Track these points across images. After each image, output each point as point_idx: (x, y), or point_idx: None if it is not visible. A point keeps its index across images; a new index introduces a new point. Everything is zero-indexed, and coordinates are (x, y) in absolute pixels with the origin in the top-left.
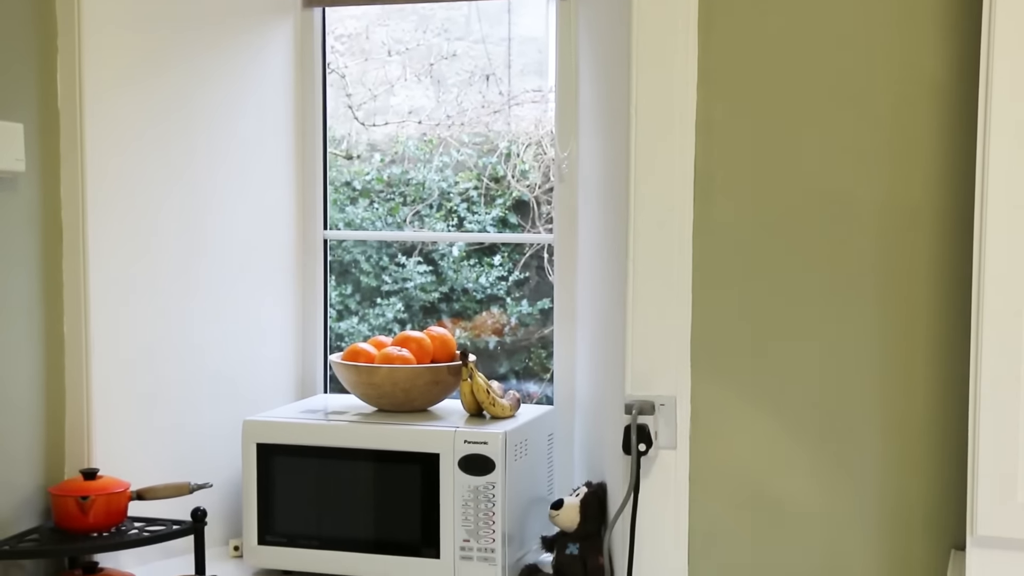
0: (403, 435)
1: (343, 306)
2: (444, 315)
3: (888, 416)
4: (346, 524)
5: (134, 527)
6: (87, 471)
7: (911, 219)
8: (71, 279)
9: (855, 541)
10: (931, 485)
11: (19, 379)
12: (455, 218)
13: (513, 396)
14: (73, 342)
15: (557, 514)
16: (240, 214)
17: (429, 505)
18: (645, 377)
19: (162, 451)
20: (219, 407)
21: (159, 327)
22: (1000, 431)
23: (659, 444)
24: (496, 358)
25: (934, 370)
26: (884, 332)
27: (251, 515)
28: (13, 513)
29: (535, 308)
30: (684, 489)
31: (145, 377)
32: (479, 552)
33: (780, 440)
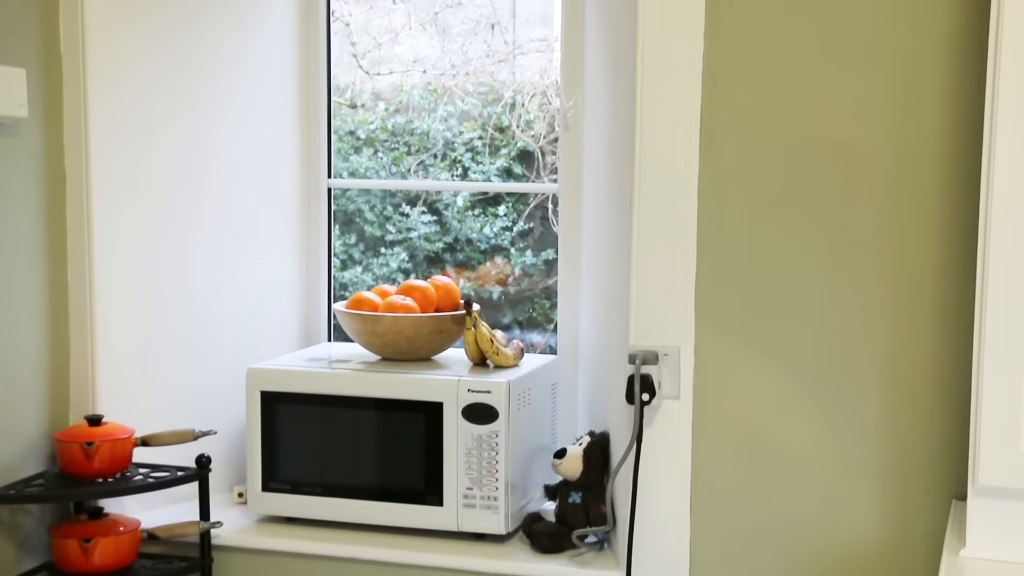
0: (407, 384)
1: (347, 256)
2: (448, 265)
3: (891, 366)
4: (350, 472)
5: (139, 473)
6: (92, 417)
7: (917, 170)
8: (75, 225)
9: (856, 491)
10: (933, 435)
11: (23, 326)
12: (459, 168)
13: (517, 345)
14: (77, 289)
15: (560, 463)
16: (243, 161)
17: (433, 453)
18: (649, 327)
19: (166, 398)
20: (223, 355)
21: (163, 274)
22: (1003, 381)
23: (662, 394)
24: (500, 308)
25: (938, 320)
26: (888, 282)
27: (255, 462)
28: (19, 458)
29: (539, 259)
30: (687, 438)
31: (149, 324)
32: (482, 500)
33: (783, 390)
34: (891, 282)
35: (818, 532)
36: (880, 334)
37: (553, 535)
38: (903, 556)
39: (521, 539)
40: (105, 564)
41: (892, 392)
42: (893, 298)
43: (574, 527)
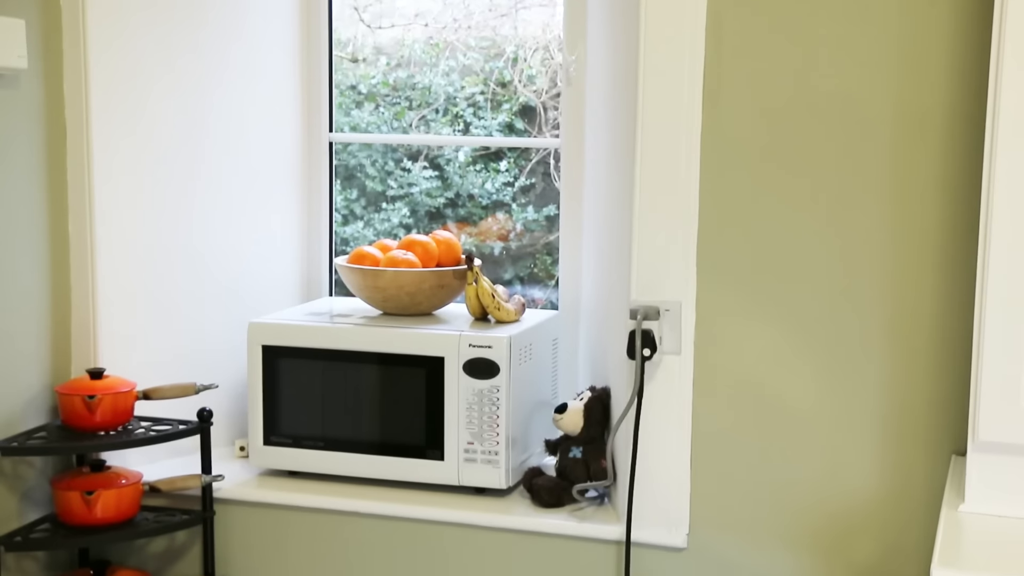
0: (408, 338)
1: (348, 211)
2: (449, 220)
3: (892, 322)
4: (351, 426)
5: (141, 426)
6: (93, 371)
7: (920, 125)
8: (75, 178)
9: (856, 446)
10: (933, 391)
11: (25, 279)
12: (461, 123)
13: (518, 301)
14: (78, 242)
15: (561, 418)
16: (245, 115)
17: (434, 408)
18: (650, 282)
19: (168, 352)
20: (224, 309)
21: (164, 228)
22: (1004, 337)
23: (663, 349)
24: (501, 264)
25: (940, 275)
26: (889, 237)
27: (256, 416)
28: (21, 411)
29: (540, 214)
30: (687, 394)
31: (151, 278)
32: (483, 455)
33: (784, 346)
34: (893, 238)
35: (818, 487)
36: (881, 290)
37: (553, 490)
38: (902, 511)
39: (522, 493)
40: (107, 516)
41: (893, 347)
42: (895, 254)
43: (574, 482)
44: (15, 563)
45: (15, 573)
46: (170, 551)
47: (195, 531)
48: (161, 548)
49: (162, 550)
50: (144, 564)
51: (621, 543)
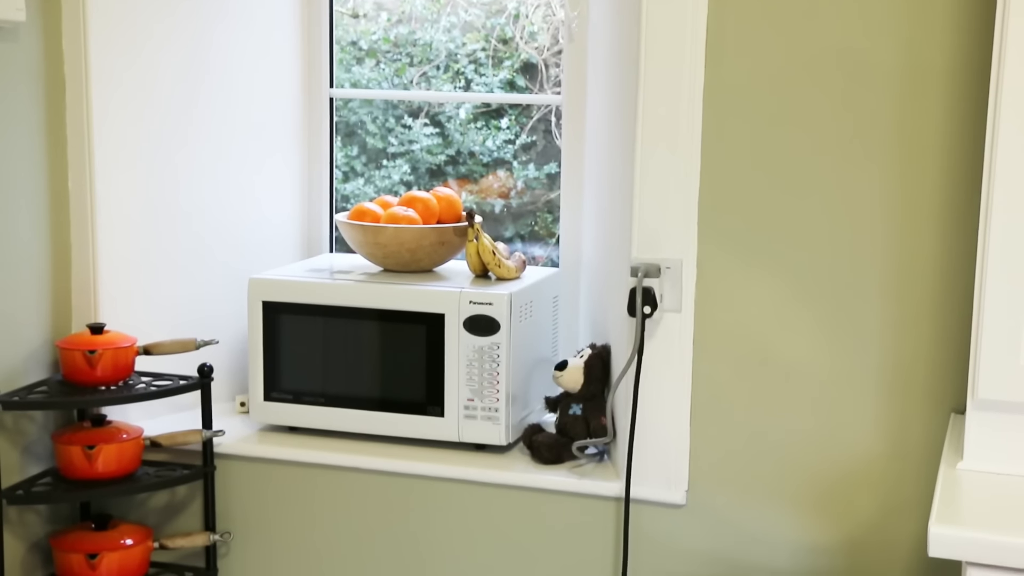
0: (409, 295)
1: (349, 167)
2: (450, 178)
3: (893, 280)
4: (352, 382)
5: (141, 381)
6: (94, 325)
7: (924, 82)
8: (75, 133)
9: (856, 404)
10: (933, 349)
11: (25, 234)
12: (462, 80)
13: (519, 258)
14: (78, 197)
15: (561, 375)
16: (245, 70)
17: (434, 364)
18: (651, 240)
19: (168, 308)
20: (225, 264)
21: (164, 183)
22: (1005, 295)
23: (664, 307)
24: (502, 221)
25: (941, 233)
26: (891, 195)
27: (257, 372)
28: (22, 365)
29: (542, 172)
30: (688, 351)
31: (151, 233)
32: (483, 411)
33: (784, 303)
34: (894, 195)
35: (817, 444)
36: (882, 247)
37: (553, 446)
38: (901, 468)
39: (521, 450)
40: (109, 470)
41: (893, 306)
42: (896, 211)
43: (574, 438)
44: (17, 516)
45: (17, 526)
46: (171, 506)
47: (196, 486)
48: (162, 503)
49: (163, 505)
50: (145, 518)
51: (620, 499)
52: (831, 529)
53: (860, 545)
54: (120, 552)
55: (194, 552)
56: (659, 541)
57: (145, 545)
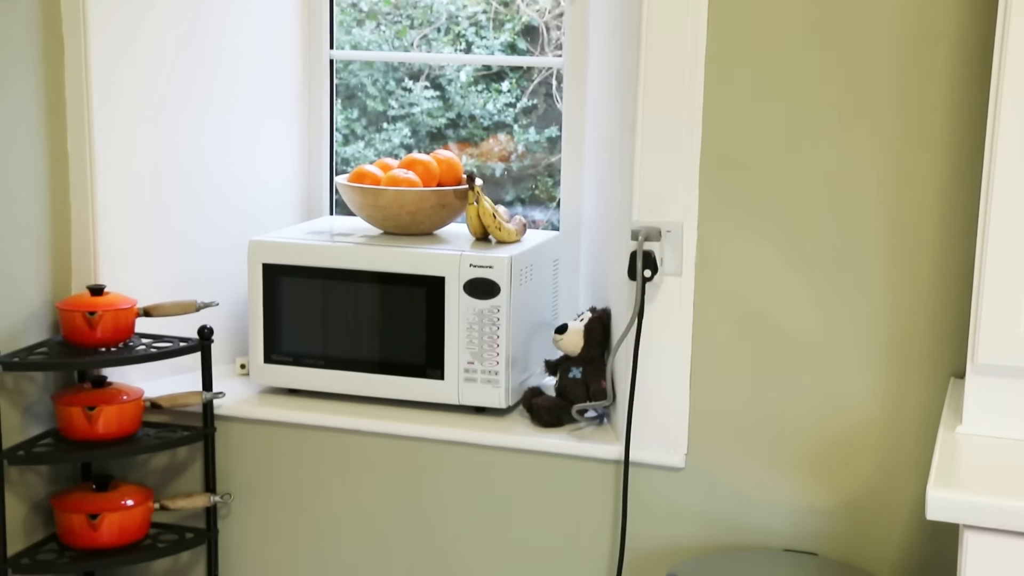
0: (409, 258)
1: (349, 130)
2: (450, 141)
3: (893, 244)
4: (352, 345)
5: (141, 343)
6: (94, 287)
7: (927, 46)
8: (74, 95)
9: (855, 368)
10: (933, 314)
11: (24, 195)
12: (463, 43)
13: (519, 221)
14: (77, 159)
15: (561, 338)
16: (245, 32)
17: (434, 327)
18: (652, 203)
19: (168, 270)
20: (225, 227)
21: (163, 145)
22: (1007, 259)
23: (664, 270)
24: (502, 185)
25: (942, 196)
26: (892, 159)
27: (257, 334)
28: (22, 326)
29: (542, 136)
30: (688, 315)
31: (150, 195)
32: (483, 374)
33: (785, 267)
34: (895, 159)
35: (816, 408)
36: (883, 211)
37: (553, 409)
38: (900, 432)
39: (521, 413)
40: (109, 431)
41: (894, 270)
42: (897, 175)
43: (574, 402)
44: (18, 476)
45: (18, 486)
46: (171, 467)
47: (196, 447)
48: (162, 464)
49: (163, 466)
50: (145, 479)
51: (619, 463)
52: (830, 492)
53: (858, 508)
54: (121, 512)
55: (194, 513)
56: (658, 504)
57: (146, 506)
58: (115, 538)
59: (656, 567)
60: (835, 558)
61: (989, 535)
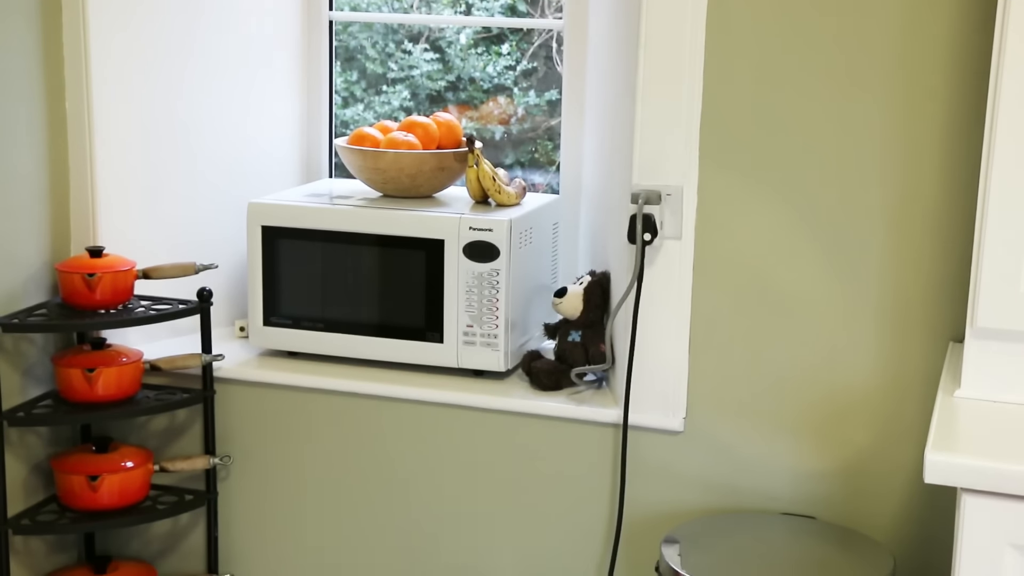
0: (408, 220)
1: (348, 93)
2: (450, 104)
3: (893, 208)
4: (351, 308)
5: (141, 305)
6: (93, 249)
7: (928, 8)
8: (72, 55)
9: (855, 332)
10: (933, 278)
11: (22, 156)
12: (463, 4)
13: (519, 184)
14: (76, 120)
15: (560, 302)
16: None
17: (433, 290)
18: (652, 167)
19: (167, 232)
20: (224, 189)
21: (163, 106)
22: (1007, 223)
23: (664, 234)
24: (502, 148)
25: (942, 161)
26: (893, 122)
27: (256, 296)
28: (21, 288)
29: (542, 99)
30: (687, 279)
31: (149, 157)
32: (482, 338)
33: (785, 231)
34: (896, 122)
35: (815, 372)
36: (883, 175)
37: (552, 373)
38: (899, 397)
39: (520, 376)
40: (109, 393)
41: (893, 235)
42: (899, 139)
43: (573, 365)
44: (18, 438)
45: (18, 447)
46: (171, 429)
47: (195, 410)
48: (162, 426)
49: (163, 428)
50: (145, 441)
51: (618, 426)
52: (828, 456)
53: (857, 472)
54: (121, 474)
55: (194, 475)
56: (657, 468)
57: (146, 467)
58: (115, 499)
59: (654, 530)
60: (833, 522)
61: (987, 498)
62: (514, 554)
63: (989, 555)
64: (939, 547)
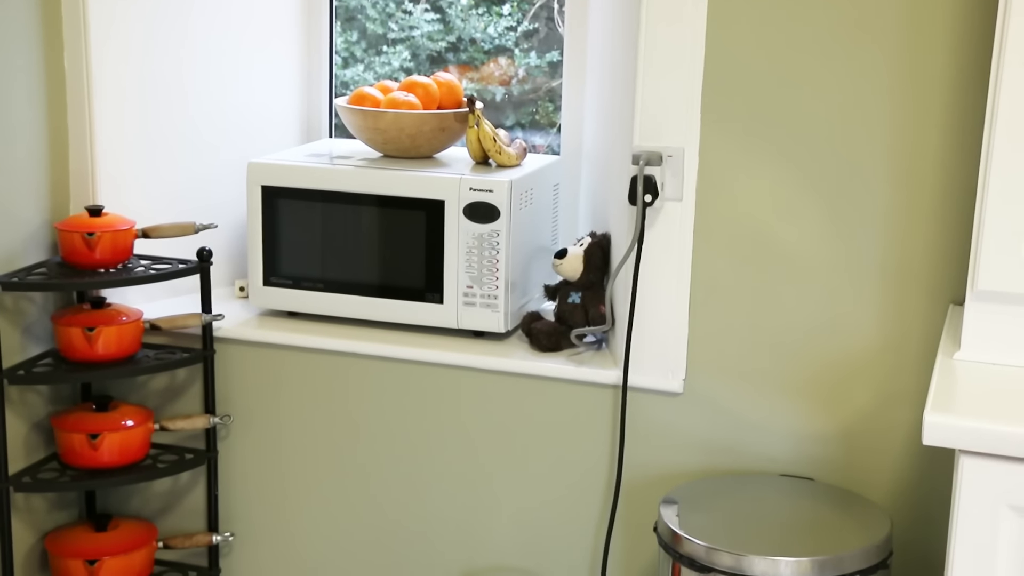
0: (408, 181)
1: (348, 53)
2: (451, 65)
3: (895, 170)
4: (351, 268)
5: (140, 265)
6: (92, 208)
7: None
8: (70, 12)
9: (855, 294)
10: (934, 240)
11: (21, 115)
12: None
13: (519, 145)
14: (74, 77)
15: (560, 263)
16: None
17: (433, 251)
18: (654, 128)
19: (166, 191)
20: (224, 148)
21: (162, 64)
22: (1010, 185)
23: (665, 195)
24: (502, 109)
25: (945, 122)
26: (895, 83)
27: (256, 256)
28: (21, 246)
29: (544, 60)
30: (688, 240)
31: (148, 116)
32: (482, 299)
33: (787, 193)
34: (899, 82)
35: (815, 334)
36: (885, 136)
37: (552, 334)
38: (898, 358)
39: (520, 338)
40: (109, 352)
41: (895, 198)
42: (900, 100)
43: (573, 326)
44: (18, 396)
45: (19, 405)
46: (171, 388)
47: (195, 369)
48: (161, 386)
49: (162, 388)
50: (145, 401)
51: (618, 387)
52: (827, 418)
53: (856, 434)
54: (121, 432)
55: (194, 434)
56: (656, 429)
57: (146, 426)
58: (115, 458)
59: (653, 491)
60: (832, 483)
61: (985, 460)
62: (513, 514)
63: (986, 516)
64: (936, 508)
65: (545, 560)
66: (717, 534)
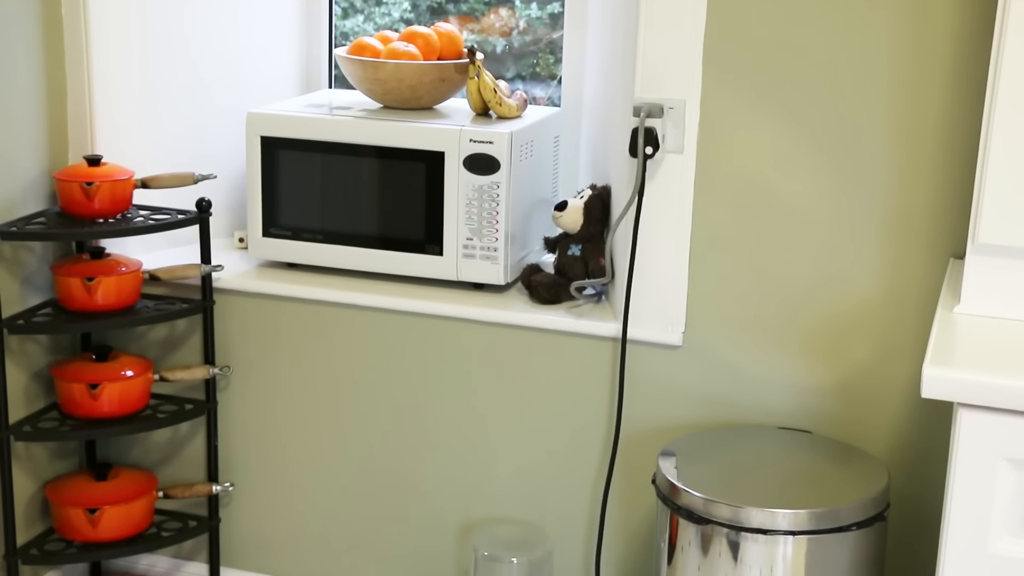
0: (408, 132)
1: (348, 3)
2: (451, 15)
3: (897, 123)
4: (351, 219)
5: (140, 215)
6: (91, 158)
7: None
8: None
9: (856, 248)
10: (935, 194)
11: (18, 64)
12: None
13: (520, 96)
14: (72, 26)
15: (561, 215)
16: None
17: (433, 203)
18: (655, 80)
19: (165, 141)
20: (223, 98)
21: (161, 13)
22: (1012, 139)
23: (666, 148)
24: (503, 61)
25: (947, 75)
26: (898, 34)
27: (255, 207)
28: (19, 196)
29: (544, 11)
30: (688, 193)
31: (147, 65)
32: (482, 251)
33: (788, 146)
34: (902, 35)
35: (815, 287)
36: (888, 89)
37: (551, 286)
38: (898, 312)
39: (519, 290)
40: (108, 303)
41: (896, 151)
42: (902, 52)
43: (572, 279)
44: (18, 345)
45: (19, 355)
46: (170, 339)
47: (195, 320)
48: (161, 336)
49: (162, 338)
50: (144, 351)
51: (617, 340)
52: (827, 371)
53: (855, 387)
54: (121, 383)
55: (193, 385)
56: (655, 382)
57: (145, 377)
58: (115, 408)
59: (651, 444)
60: (830, 436)
61: (983, 413)
62: (511, 466)
63: (983, 469)
64: (934, 461)
65: (544, 512)
66: (715, 486)
